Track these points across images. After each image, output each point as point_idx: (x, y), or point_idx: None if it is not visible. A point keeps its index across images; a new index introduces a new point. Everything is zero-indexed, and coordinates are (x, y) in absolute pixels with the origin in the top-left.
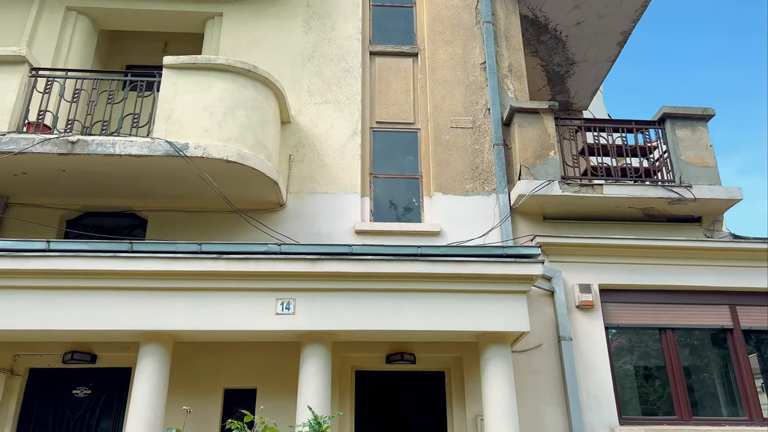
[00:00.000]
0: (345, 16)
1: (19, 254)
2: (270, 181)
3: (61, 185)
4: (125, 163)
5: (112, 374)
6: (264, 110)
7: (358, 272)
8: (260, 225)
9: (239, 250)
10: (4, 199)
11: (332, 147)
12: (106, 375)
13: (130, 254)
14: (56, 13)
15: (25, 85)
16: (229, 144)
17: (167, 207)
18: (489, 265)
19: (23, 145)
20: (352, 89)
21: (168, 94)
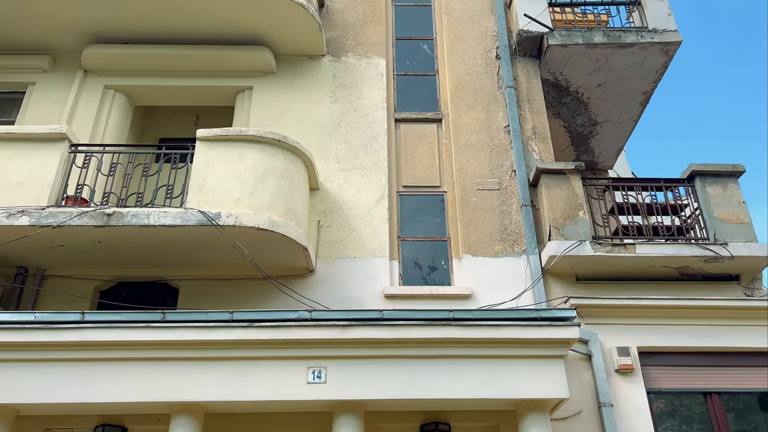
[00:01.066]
0: (370, 86)
1: (55, 326)
2: (300, 247)
3: (95, 256)
4: (159, 234)
5: None
6: (293, 178)
7: (389, 338)
8: (290, 291)
9: (270, 317)
10: (41, 272)
11: (360, 212)
12: None
13: (162, 324)
14: (95, 91)
15: (65, 160)
16: (260, 212)
17: (199, 275)
18: (524, 329)
19: (62, 219)
20: (379, 155)
21: (201, 165)
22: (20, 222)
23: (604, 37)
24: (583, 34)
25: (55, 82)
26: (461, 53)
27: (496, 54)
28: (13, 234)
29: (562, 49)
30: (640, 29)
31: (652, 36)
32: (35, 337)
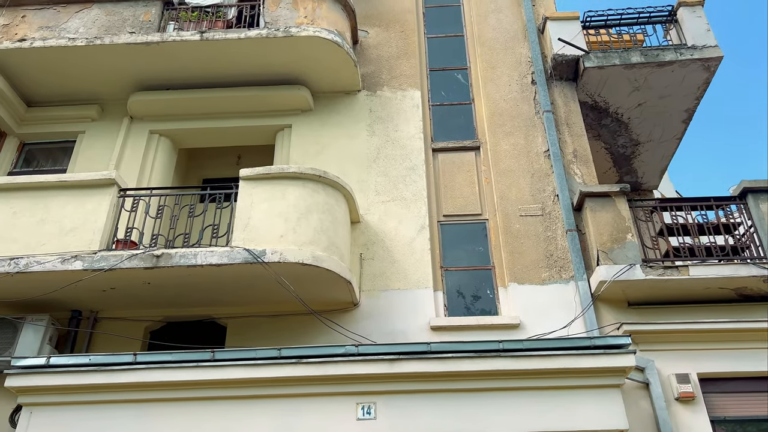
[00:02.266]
0: (406, 118)
1: (109, 368)
2: (343, 280)
3: (145, 298)
4: (206, 273)
5: None
6: (335, 212)
7: (438, 372)
8: (336, 326)
9: (317, 353)
10: (94, 315)
11: (401, 243)
12: None
13: (211, 363)
14: (141, 137)
15: (115, 205)
16: (303, 247)
17: (246, 313)
18: (577, 358)
19: (113, 262)
20: (418, 186)
21: (245, 204)
22: (74, 267)
23: (642, 56)
24: (620, 55)
25: (104, 129)
26: (496, 80)
27: (531, 79)
28: (67, 279)
29: (599, 71)
30: (678, 47)
31: (691, 53)
32: (90, 380)
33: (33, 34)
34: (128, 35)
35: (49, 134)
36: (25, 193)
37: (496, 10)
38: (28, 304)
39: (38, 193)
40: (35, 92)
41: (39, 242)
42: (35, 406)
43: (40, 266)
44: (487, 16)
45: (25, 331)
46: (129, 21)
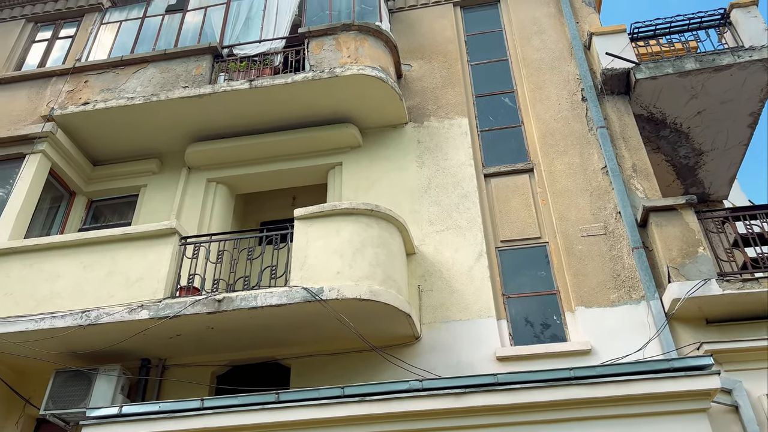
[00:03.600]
0: (455, 146)
1: (178, 414)
2: (403, 314)
3: (209, 343)
4: (267, 314)
5: None
6: (390, 245)
7: (507, 404)
8: (398, 361)
9: (381, 390)
10: (161, 362)
11: (460, 272)
12: None
13: (277, 405)
14: (199, 185)
15: (176, 253)
16: (360, 282)
17: (307, 352)
18: (656, 382)
19: (177, 309)
20: (472, 213)
21: (301, 243)
22: (141, 316)
23: (697, 62)
24: (673, 63)
25: (164, 181)
26: (545, 101)
27: (581, 96)
28: (135, 328)
29: (652, 81)
30: (735, 49)
31: (750, 54)
32: (161, 427)
33: (95, 97)
34: (182, 90)
35: (114, 190)
36: (93, 248)
37: (539, 32)
38: (100, 356)
39: (105, 246)
40: (100, 152)
41: (108, 294)
42: None
43: (110, 317)
44: (530, 38)
45: (98, 381)
46: (182, 76)
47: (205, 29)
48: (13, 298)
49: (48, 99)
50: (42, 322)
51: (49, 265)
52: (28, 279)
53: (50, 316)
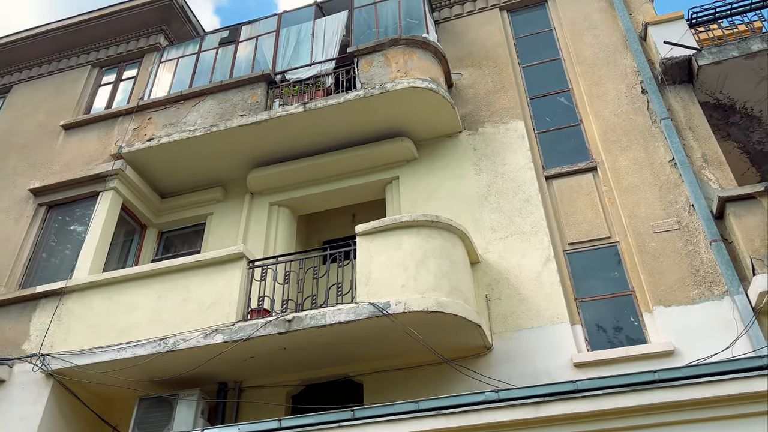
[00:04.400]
0: (513, 150)
1: None
2: (472, 324)
3: (282, 363)
4: (336, 332)
5: None
6: (453, 256)
7: (588, 411)
8: (471, 372)
9: (456, 403)
10: (238, 385)
11: (527, 279)
12: None
13: (353, 422)
14: (262, 210)
15: (245, 276)
16: (426, 294)
17: (378, 368)
18: (748, 381)
19: (249, 332)
20: (535, 216)
21: (364, 258)
22: (215, 340)
23: (764, 42)
24: (738, 46)
25: (229, 208)
26: (603, 97)
27: (641, 89)
28: (211, 352)
29: (716, 66)
30: None
31: None
32: None
33: (159, 132)
34: (240, 118)
35: (182, 220)
36: (166, 277)
37: (590, 27)
38: (179, 381)
39: (178, 275)
40: (167, 184)
41: (183, 320)
42: None
43: (186, 343)
44: (582, 34)
45: (179, 407)
46: (239, 105)
47: (258, 58)
48: (96, 330)
49: (116, 138)
50: (124, 352)
51: (126, 296)
52: (109, 311)
53: (131, 345)
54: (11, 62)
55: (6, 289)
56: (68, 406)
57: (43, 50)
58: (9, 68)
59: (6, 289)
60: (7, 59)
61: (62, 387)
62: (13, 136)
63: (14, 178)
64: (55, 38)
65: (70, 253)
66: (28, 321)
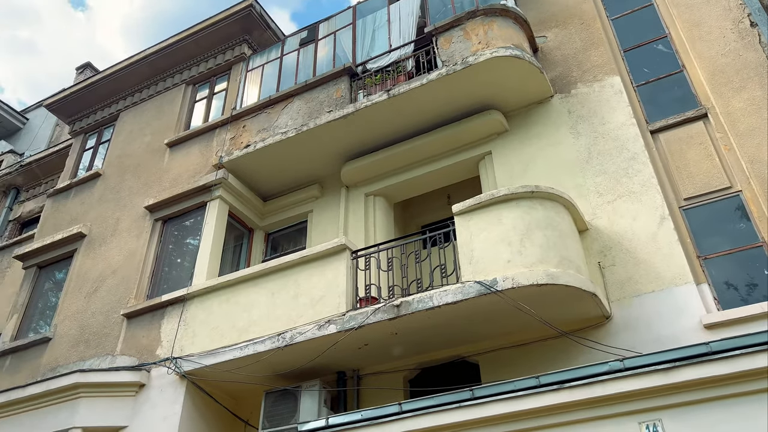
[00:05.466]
0: (611, 108)
1: (380, 420)
2: (587, 294)
3: (396, 349)
4: (445, 313)
5: None
6: (558, 225)
7: (724, 374)
8: (591, 343)
9: (579, 375)
10: (356, 373)
11: (642, 241)
12: None
13: (472, 402)
14: (358, 201)
15: (350, 267)
16: (534, 268)
17: (493, 347)
18: None
19: (360, 320)
20: (644, 174)
21: (464, 238)
22: (329, 331)
23: None
24: None
25: (327, 204)
26: (705, 37)
27: (749, 22)
28: (326, 343)
29: None
30: None
31: None
32: None
33: (254, 138)
34: (327, 114)
35: (285, 220)
36: (277, 275)
37: None
38: (300, 373)
39: (287, 272)
40: (267, 188)
41: (297, 315)
42: None
43: (302, 336)
44: None
45: (303, 398)
46: (325, 102)
47: (338, 53)
48: (219, 332)
49: (215, 149)
50: (246, 349)
51: (242, 297)
52: (228, 312)
53: (252, 343)
54: (116, 92)
55: (136, 301)
56: (203, 404)
57: (142, 76)
58: (115, 97)
59: (136, 301)
60: (111, 89)
61: (195, 387)
62: (126, 159)
63: (131, 197)
64: (151, 63)
65: (188, 261)
66: (159, 328)
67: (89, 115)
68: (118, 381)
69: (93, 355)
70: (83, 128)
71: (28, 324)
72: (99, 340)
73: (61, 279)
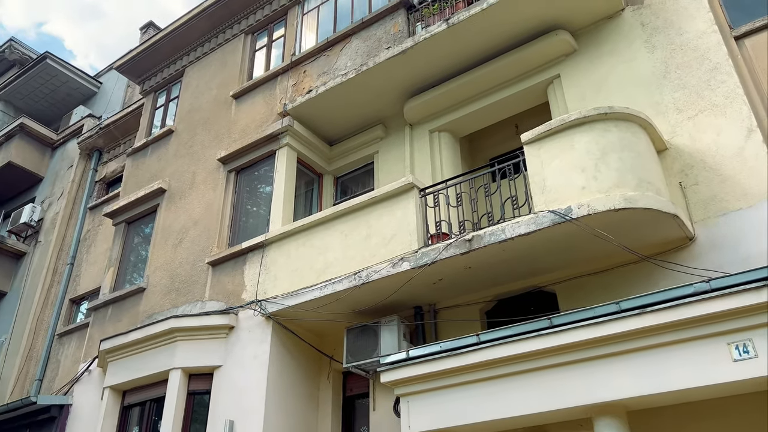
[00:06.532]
0: (689, 15)
1: (458, 351)
2: (668, 216)
3: (471, 282)
4: (518, 245)
5: None
6: (635, 146)
7: None
8: (673, 266)
9: (662, 298)
10: (432, 307)
11: (727, 156)
12: None
13: (551, 330)
14: (423, 139)
15: (418, 205)
16: (610, 193)
17: (570, 276)
18: None
19: (432, 256)
20: (728, 85)
21: (535, 167)
22: (403, 268)
23: None
24: None
25: (392, 143)
26: None
27: None
28: (401, 280)
29: None
30: None
31: None
32: (445, 365)
33: (315, 83)
34: (386, 51)
35: (352, 164)
36: (348, 217)
37: None
38: (378, 310)
39: (358, 213)
40: (332, 132)
41: (371, 254)
42: (409, 395)
43: (378, 274)
44: None
45: (383, 332)
46: (383, 39)
47: None
48: (299, 274)
49: (279, 97)
50: (325, 289)
51: (317, 239)
52: (305, 255)
53: (330, 283)
54: (179, 48)
55: (218, 249)
56: (289, 342)
57: (202, 30)
58: (179, 54)
59: (218, 249)
60: (175, 46)
61: (281, 326)
62: (195, 113)
63: (204, 151)
64: (209, 15)
65: (263, 209)
66: (242, 274)
67: (157, 73)
68: (210, 324)
69: (184, 301)
70: (152, 87)
71: (123, 276)
72: (188, 287)
73: (148, 233)
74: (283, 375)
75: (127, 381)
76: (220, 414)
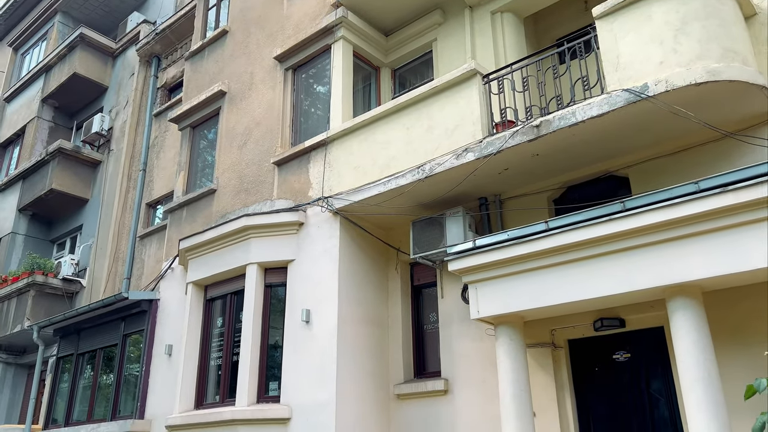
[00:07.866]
0: None
1: (526, 239)
2: (755, 87)
3: (538, 170)
4: (589, 128)
5: (645, 335)
6: (720, 13)
7: None
8: (759, 141)
9: (745, 176)
10: (497, 197)
11: None
12: (639, 337)
13: (624, 213)
14: (484, 21)
15: (482, 92)
16: (692, 66)
17: (642, 158)
18: None
19: (498, 145)
20: None
21: (608, 43)
22: (467, 159)
23: None
24: None
25: (451, 29)
26: None
27: None
28: (465, 171)
29: None
30: None
31: None
32: (512, 252)
33: None
34: None
35: (410, 54)
36: (409, 110)
37: None
38: (443, 202)
39: (418, 105)
40: (387, 21)
41: (433, 147)
42: (477, 282)
43: (441, 167)
44: None
45: (449, 224)
46: None
47: None
48: (362, 170)
49: None
50: (389, 184)
51: (379, 134)
52: (367, 151)
53: (394, 177)
54: None
55: (282, 149)
56: (357, 236)
57: None
58: None
59: (282, 149)
60: None
61: (348, 221)
62: (248, 12)
63: (259, 50)
64: None
65: (322, 106)
66: (307, 172)
67: None
68: (280, 221)
69: (254, 201)
70: None
71: (193, 179)
72: (257, 187)
73: (212, 138)
74: (353, 267)
75: (208, 276)
76: (296, 304)
